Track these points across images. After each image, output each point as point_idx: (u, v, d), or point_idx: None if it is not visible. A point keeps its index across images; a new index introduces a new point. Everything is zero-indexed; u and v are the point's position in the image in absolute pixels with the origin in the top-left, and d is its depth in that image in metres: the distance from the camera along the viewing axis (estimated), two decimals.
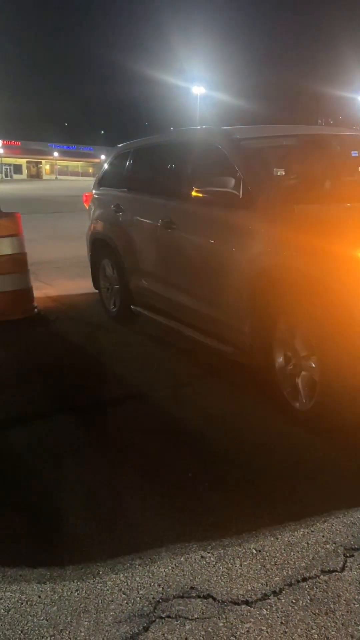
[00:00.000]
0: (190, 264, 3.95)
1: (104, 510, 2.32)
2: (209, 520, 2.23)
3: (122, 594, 1.86)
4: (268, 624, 1.71)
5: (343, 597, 1.81)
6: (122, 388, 3.67)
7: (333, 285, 2.66)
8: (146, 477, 2.56)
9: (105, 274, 5.41)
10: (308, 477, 2.52)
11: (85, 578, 1.94)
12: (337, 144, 4.44)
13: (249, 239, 3.27)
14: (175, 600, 1.82)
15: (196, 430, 3.03)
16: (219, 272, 3.55)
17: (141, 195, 4.81)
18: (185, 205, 3.97)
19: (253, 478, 2.52)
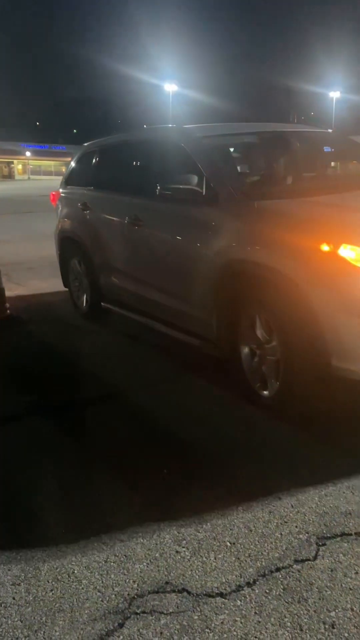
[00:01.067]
0: (158, 259, 4.02)
1: (78, 510, 2.32)
2: (184, 515, 2.24)
3: (97, 592, 1.86)
4: (242, 614, 1.73)
5: (315, 585, 1.84)
6: (98, 387, 3.66)
7: (292, 276, 2.77)
8: (121, 476, 2.56)
9: (75, 272, 5.43)
10: (281, 469, 2.54)
11: (60, 578, 1.94)
12: (296, 140, 4.55)
13: (213, 235, 3.35)
14: (150, 595, 1.83)
15: (171, 427, 3.04)
16: (185, 267, 3.63)
17: (108, 193, 4.86)
18: (151, 203, 4.04)
19: (227, 472, 2.54)
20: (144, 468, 2.62)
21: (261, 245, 3.01)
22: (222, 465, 2.61)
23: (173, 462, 2.65)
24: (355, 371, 2.63)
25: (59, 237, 5.59)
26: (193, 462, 2.65)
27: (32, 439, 2.96)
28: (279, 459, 2.63)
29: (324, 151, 4.60)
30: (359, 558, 1.95)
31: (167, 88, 67.54)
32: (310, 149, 4.59)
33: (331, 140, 5.03)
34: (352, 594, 1.79)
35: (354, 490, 2.35)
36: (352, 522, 2.15)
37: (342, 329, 2.62)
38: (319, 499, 2.31)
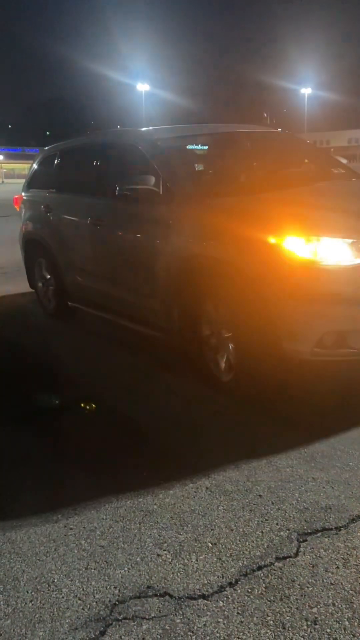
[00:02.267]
0: (120, 257, 4.16)
1: (57, 517, 2.28)
2: (164, 517, 2.23)
3: (77, 600, 1.83)
4: (224, 615, 1.72)
5: (297, 582, 1.83)
6: (74, 390, 3.62)
7: (243, 268, 2.98)
8: (100, 480, 2.54)
9: (41, 273, 5.50)
10: (260, 464, 2.54)
11: (40, 587, 1.90)
12: (247, 140, 4.78)
13: (170, 232, 3.52)
14: (132, 601, 1.81)
15: (148, 427, 3.02)
16: (146, 264, 3.77)
17: (70, 195, 5.00)
18: (112, 203, 4.17)
19: (206, 471, 2.53)
20: (123, 471, 2.59)
21: (214, 240, 3.21)
22: (201, 464, 2.59)
23: (151, 464, 2.63)
24: (304, 351, 2.83)
25: (23, 240, 5.69)
26: (171, 463, 2.63)
27: (9, 443, 2.92)
28: (257, 457, 2.63)
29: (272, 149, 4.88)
30: (339, 552, 1.96)
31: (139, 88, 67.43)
32: (260, 148, 4.80)
33: (280, 140, 5.22)
34: (333, 589, 1.79)
35: (333, 484, 2.36)
36: (332, 516, 2.16)
37: (289, 314, 2.82)
38: (299, 494, 2.31)
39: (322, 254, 2.77)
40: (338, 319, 2.79)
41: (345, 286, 2.77)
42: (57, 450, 2.85)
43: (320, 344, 2.79)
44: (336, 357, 2.85)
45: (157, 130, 4.66)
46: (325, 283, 2.77)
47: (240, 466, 2.55)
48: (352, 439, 2.73)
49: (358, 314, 2.78)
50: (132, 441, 2.89)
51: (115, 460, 2.71)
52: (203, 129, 5.16)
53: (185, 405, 3.27)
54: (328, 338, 2.79)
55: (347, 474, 2.43)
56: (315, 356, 2.82)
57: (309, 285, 2.77)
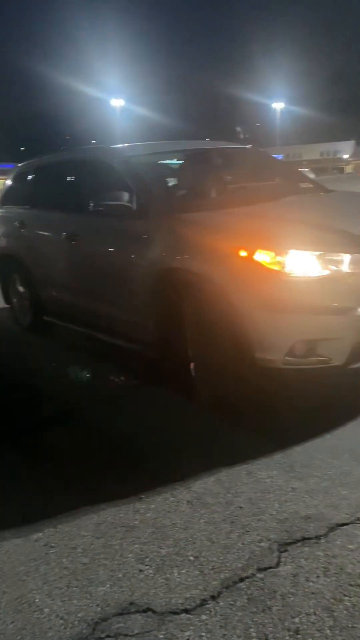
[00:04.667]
0: (95, 272, 4.22)
1: (37, 535, 2.27)
2: (145, 532, 2.23)
3: (59, 620, 1.82)
4: (207, 629, 1.73)
5: (279, 592, 1.85)
6: (52, 405, 3.60)
7: (215, 280, 3.06)
8: (80, 496, 2.52)
9: (16, 288, 5.53)
10: (240, 476, 2.56)
11: (21, 608, 1.88)
12: (217, 156, 4.91)
13: (145, 246, 3.60)
14: (115, 618, 1.80)
15: (127, 441, 3.01)
16: (122, 278, 3.84)
17: (44, 211, 5.06)
18: (86, 219, 4.27)
19: (187, 485, 2.54)
20: (103, 487, 2.58)
21: (188, 253, 3.28)
22: (181, 477, 2.60)
23: (132, 478, 2.63)
24: (275, 360, 2.90)
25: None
26: (152, 477, 2.63)
27: None
28: (237, 468, 2.64)
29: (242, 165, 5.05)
30: (319, 561, 1.98)
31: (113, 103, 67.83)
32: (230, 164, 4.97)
33: (249, 156, 5.38)
34: (314, 598, 1.81)
35: (312, 494, 2.39)
36: (312, 525, 2.18)
37: (261, 324, 2.89)
38: (279, 505, 2.33)
39: (290, 266, 2.87)
40: (308, 328, 2.88)
41: (313, 297, 2.87)
42: (36, 467, 2.83)
43: (291, 353, 2.88)
44: (307, 365, 2.93)
45: (129, 147, 4.81)
46: (294, 294, 2.87)
47: (220, 478, 2.57)
48: (330, 448, 2.76)
49: (326, 323, 2.88)
50: (112, 456, 2.88)
51: (95, 476, 2.69)
52: (174, 146, 5.33)
53: (164, 418, 3.27)
54: (299, 347, 2.88)
55: (326, 483, 2.46)
56: (286, 365, 2.90)
57: (279, 296, 2.87)
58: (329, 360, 2.90)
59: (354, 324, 2.88)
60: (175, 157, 4.83)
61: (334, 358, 2.90)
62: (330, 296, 2.88)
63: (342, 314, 2.87)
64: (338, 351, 2.90)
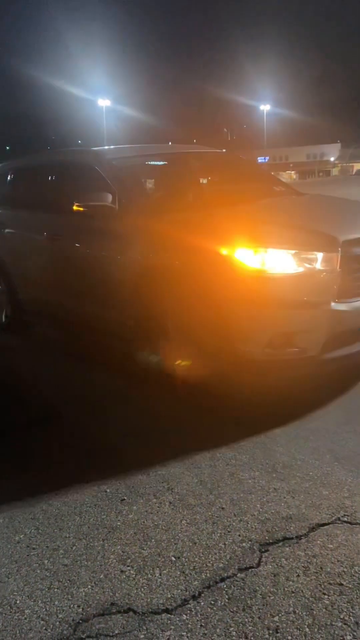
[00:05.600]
0: (77, 271, 4.29)
1: (19, 537, 2.26)
2: (128, 533, 2.23)
3: (40, 621, 1.82)
4: (188, 628, 1.74)
5: (259, 592, 1.87)
6: (36, 407, 3.58)
7: (198, 277, 3.19)
8: (62, 497, 2.52)
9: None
10: (223, 477, 2.57)
11: (2, 610, 1.88)
12: (195, 160, 5.11)
13: (127, 245, 3.72)
14: (96, 619, 1.81)
15: (109, 441, 3.02)
16: (103, 276, 3.94)
17: (25, 212, 5.12)
18: (69, 219, 4.29)
19: (170, 486, 2.55)
20: (85, 488, 2.58)
21: (170, 252, 3.42)
22: (163, 478, 2.61)
23: (114, 479, 2.63)
24: (255, 351, 3.06)
25: None
26: (133, 478, 2.63)
27: None
28: (220, 469, 2.66)
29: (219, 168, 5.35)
30: (300, 561, 2.00)
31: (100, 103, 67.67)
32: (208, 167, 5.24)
33: (224, 159, 5.66)
34: (294, 597, 1.83)
35: (294, 494, 2.41)
36: (293, 525, 2.20)
37: (241, 318, 3.05)
38: (261, 505, 2.35)
39: (269, 263, 3.04)
40: (285, 321, 3.05)
41: (289, 292, 3.05)
42: (18, 469, 2.81)
43: (270, 344, 3.04)
44: (284, 356, 3.08)
45: (110, 150, 4.99)
46: (272, 289, 3.04)
47: (203, 480, 2.58)
48: (312, 449, 2.79)
49: (301, 317, 3.05)
50: (94, 458, 2.87)
51: (77, 477, 2.69)
52: (154, 149, 5.50)
53: (146, 419, 3.28)
54: (276, 339, 3.04)
55: (307, 484, 2.49)
56: (265, 356, 3.06)
57: (258, 291, 3.02)
58: (304, 351, 3.07)
59: (326, 317, 3.06)
60: (155, 160, 4.98)
61: (309, 349, 3.07)
62: (304, 291, 3.06)
63: (315, 308, 3.05)
64: (313, 342, 3.06)
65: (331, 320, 3.07)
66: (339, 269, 3.08)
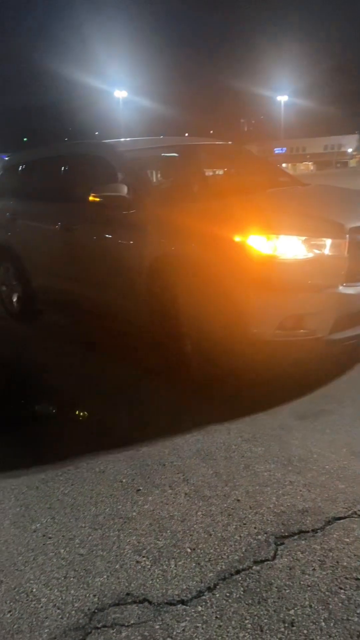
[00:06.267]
0: (90, 260, 4.39)
1: (35, 526, 2.28)
2: (143, 524, 2.23)
3: (56, 609, 1.83)
4: (203, 620, 1.74)
5: (274, 585, 1.86)
6: (51, 396, 3.61)
7: (211, 263, 3.28)
8: (79, 487, 2.53)
9: (5, 277, 5.68)
10: (239, 469, 2.57)
11: (19, 598, 1.90)
12: (203, 151, 5.27)
13: (141, 234, 3.79)
14: (111, 608, 1.82)
15: (128, 433, 3.02)
16: (118, 264, 4.03)
17: (38, 203, 5.19)
18: (82, 209, 4.35)
19: (185, 477, 2.55)
20: (101, 478, 2.59)
21: (184, 240, 3.51)
22: (177, 470, 2.61)
23: (129, 470, 2.64)
24: (267, 334, 3.17)
25: None
26: (149, 469, 2.64)
27: None
28: (235, 461, 2.65)
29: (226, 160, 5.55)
30: (316, 554, 1.99)
31: (117, 95, 67.50)
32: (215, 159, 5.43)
33: (231, 151, 5.85)
34: (310, 591, 1.82)
35: (310, 488, 2.39)
36: (309, 519, 2.19)
37: (254, 302, 3.17)
38: (277, 498, 2.34)
39: (280, 249, 3.14)
40: (295, 304, 3.17)
41: (300, 276, 3.17)
42: (35, 459, 2.83)
43: (281, 326, 3.16)
44: (294, 337, 3.21)
45: (122, 142, 5.07)
46: (283, 274, 3.14)
47: (218, 471, 2.58)
48: (328, 442, 2.77)
49: (310, 300, 3.17)
50: (109, 448, 2.88)
51: (92, 467, 2.70)
52: (164, 141, 5.64)
53: (160, 407, 3.28)
54: (287, 321, 3.17)
55: (324, 477, 2.47)
56: (276, 337, 3.18)
57: (270, 276, 3.13)
58: (313, 332, 3.19)
59: (335, 299, 3.18)
60: (165, 152, 5.11)
61: (318, 330, 3.19)
62: (314, 276, 3.18)
63: (324, 291, 3.17)
64: (321, 324, 3.19)
65: (339, 303, 3.19)
66: (347, 255, 3.19)
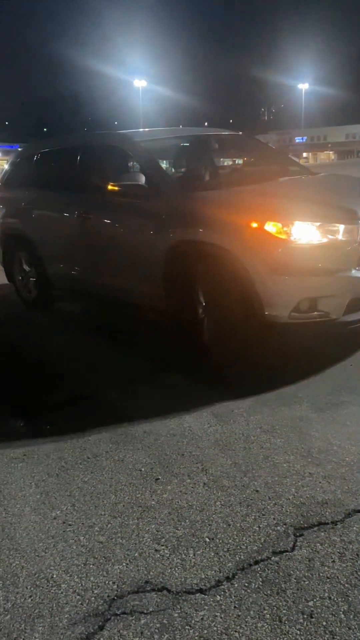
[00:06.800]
0: (108, 247, 4.47)
1: (55, 513, 2.30)
2: (162, 513, 2.24)
3: (76, 595, 1.85)
4: (222, 609, 1.74)
5: (293, 576, 1.85)
6: (72, 385, 3.63)
7: (230, 249, 3.41)
8: (99, 475, 2.55)
9: (21, 266, 5.75)
10: (258, 460, 2.56)
11: (39, 583, 1.92)
12: (215, 141, 5.48)
13: (159, 222, 3.90)
14: (130, 596, 1.83)
15: (147, 422, 3.03)
16: (136, 251, 4.12)
17: (54, 192, 5.26)
18: (100, 198, 4.50)
19: (204, 467, 2.55)
20: (120, 468, 2.61)
21: (202, 227, 3.63)
22: (195, 460, 2.61)
23: (147, 459, 2.65)
24: (283, 316, 3.32)
25: (2, 235, 5.87)
26: (167, 458, 2.64)
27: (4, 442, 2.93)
28: (254, 452, 2.65)
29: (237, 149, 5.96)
30: (335, 546, 1.97)
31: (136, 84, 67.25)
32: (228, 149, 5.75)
33: (242, 141, 6.04)
34: (329, 583, 1.81)
35: (329, 479, 2.38)
36: (329, 511, 2.17)
37: (270, 285, 3.29)
38: (296, 490, 2.33)
39: (295, 235, 3.29)
40: (310, 288, 3.31)
41: (315, 261, 3.31)
42: (54, 446, 2.86)
43: (296, 309, 3.30)
44: (309, 319, 3.34)
45: (137, 132, 5.14)
46: (299, 259, 3.29)
47: (237, 462, 2.57)
48: (348, 434, 2.74)
49: (325, 283, 3.32)
50: (128, 438, 2.90)
51: (112, 456, 2.72)
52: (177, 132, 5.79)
53: (178, 397, 3.28)
54: (303, 304, 3.30)
55: (344, 469, 2.45)
56: (292, 319, 3.32)
57: (286, 261, 3.27)
58: (327, 314, 3.34)
59: (348, 283, 3.32)
60: (179, 142, 5.27)
61: (332, 312, 3.34)
62: (328, 260, 3.32)
63: (338, 275, 3.31)
64: (335, 306, 3.33)
65: (352, 286, 3.33)
66: (359, 240, 3.32)
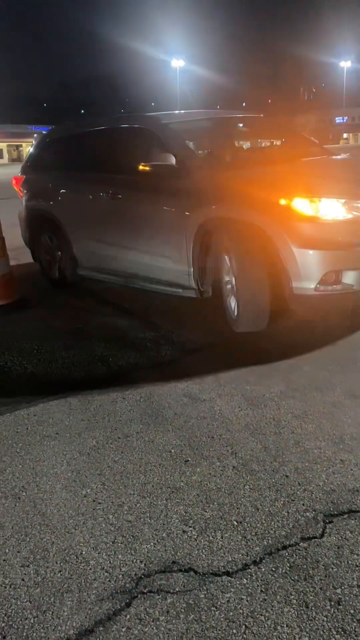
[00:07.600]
0: (137, 226, 4.64)
1: (86, 491, 2.34)
2: (190, 495, 2.25)
3: (104, 572, 1.88)
4: (248, 592, 1.74)
5: (322, 563, 1.84)
6: (102, 367, 3.66)
7: (259, 225, 3.60)
8: (129, 456, 2.57)
9: (46, 246, 5.89)
10: (288, 445, 2.54)
11: (68, 559, 1.96)
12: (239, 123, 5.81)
13: (189, 200, 4.08)
14: (157, 575, 1.85)
15: (177, 404, 3.03)
16: (165, 229, 4.32)
17: (82, 174, 5.39)
18: (129, 178, 4.67)
19: (234, 450, 2.54)
20: (149, 449, 2.62)
21: (233, 204, 3.84)
22: (226, 443, 2.61)
23: (177, 441, 2.65)
24: (309, 288, 3.50)
25: (28, 217, 6.03)
26: (197, 440, 2.65)
27: (38, 420, 2.98)
28: (284, 438, 2.62)
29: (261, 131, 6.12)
30: None
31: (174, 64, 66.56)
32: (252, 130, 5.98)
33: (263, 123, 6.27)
34: (358, 571, 1.79)
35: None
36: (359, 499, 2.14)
37: (298, 259, 3.46)
38: (327, 476, 2.30)
39: (322, 211, 3.49)
40: (335, 261, 3.50)
41: (340, 235, 3.51)
42: (86, 426, 2.90)
43: (322, 281, 3.49)
44: (334, 291, 3.53)
45: (164, 115, 5.28)
46: (325, 234, 3.49)
47: (267, 446, 2.56)
48: None
49: (349, 257, 3.51)
50: (157, 417, 2.91)
51: (142, 437, 2.74)
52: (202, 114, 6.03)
53: (208, 380, 3.27)
54: (328, 276, 3.49)
55: None
56: (318, 291, 3.51)
57: (313, 236, 3.47)
58: (352, 286, 3.52)
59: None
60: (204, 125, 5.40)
61: (356, 285, 3.52)
62: (353, 235, 3.50)
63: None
64: (359, 279, 3.52)
65: None
66: None
